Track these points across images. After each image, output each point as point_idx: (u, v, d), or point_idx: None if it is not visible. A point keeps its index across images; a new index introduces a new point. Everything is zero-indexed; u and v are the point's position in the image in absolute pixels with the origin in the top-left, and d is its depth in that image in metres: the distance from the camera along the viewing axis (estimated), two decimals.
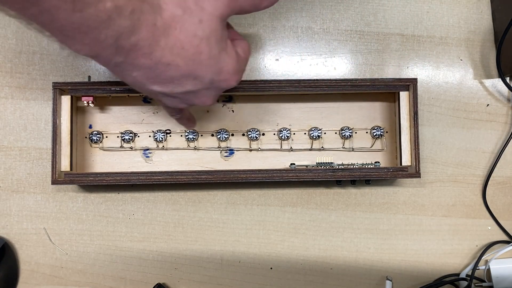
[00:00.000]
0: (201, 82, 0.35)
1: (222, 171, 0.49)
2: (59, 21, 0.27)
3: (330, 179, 0.50)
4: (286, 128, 0.53)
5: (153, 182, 0.49)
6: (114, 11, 0.28)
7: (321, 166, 0.52)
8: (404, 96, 0.50)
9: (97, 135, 0.52)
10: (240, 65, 0.38)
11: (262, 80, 0.49)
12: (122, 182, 0.49)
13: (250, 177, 0.49)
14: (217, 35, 0.34)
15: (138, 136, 0.52)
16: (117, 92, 0.48)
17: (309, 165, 0.52)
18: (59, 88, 0.48)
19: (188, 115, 0.47)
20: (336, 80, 0.49)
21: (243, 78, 0.40)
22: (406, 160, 0.50)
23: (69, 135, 0.49)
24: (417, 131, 0.50)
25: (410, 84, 0.50)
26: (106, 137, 0.52)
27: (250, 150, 0.53)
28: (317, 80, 0.49)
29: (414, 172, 0.50)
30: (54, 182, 0.48)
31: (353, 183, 0.54)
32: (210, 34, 0.33)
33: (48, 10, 0.26)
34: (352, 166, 0.51)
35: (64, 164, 0.49)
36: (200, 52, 0.33)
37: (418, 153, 0.50)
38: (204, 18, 0.33)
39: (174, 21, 0.32)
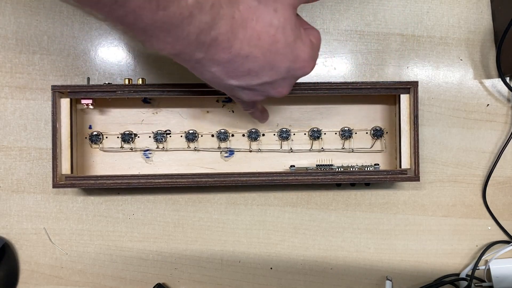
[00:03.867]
0: (278, 72, 0.35)
1: (222, 174, 0.49)
2: (143, 21, 0.27)
3: (330, 182, 0.50)
4: (286, 128, 0.53)
5: (154, 186, 0.49)
6: (195, 6, 0.28)
7: (321, 169, 0.52)
8: (404, 98, 0.50)
9: (97, 136, 0.52)
10: (314, 52, 0.38)
11: None
12: (123, 185, 0.49)
13: (251, 181, 0.49)
14: (291, 23, 0.34)
15: (138, 137, 0.52)
16: (117, 95, 0.48)
17: (309, 167, 0.52)
18: (58, 91, 0.48)
19: (261, 108, 0.48)
20: (336, 83, 0.49)
21: None
22: (406, 163, 0.50)
23: (69, 138, 0.48)
24: (417, 134, 0.50)
25: (411, 87, 0.50)
26: (106, 137, 0.52)
27: (250, 151, 0.53)
28: (317, 83, 0.49)
29: (413, 176, 0.50)
30: (56, 185, 0.48)
31: (353, 185, 0.54)
32: (285, 22, 0.33)
33: (133, 11, 0.26)
34: (352, 169, 0.51)
35: (65, 167, 0.49)
36: (277, 41, 0.33)
37: (418, 157, 0.50)
38: (278, 7, 0.33)
39: (250, 12, 0.32)
